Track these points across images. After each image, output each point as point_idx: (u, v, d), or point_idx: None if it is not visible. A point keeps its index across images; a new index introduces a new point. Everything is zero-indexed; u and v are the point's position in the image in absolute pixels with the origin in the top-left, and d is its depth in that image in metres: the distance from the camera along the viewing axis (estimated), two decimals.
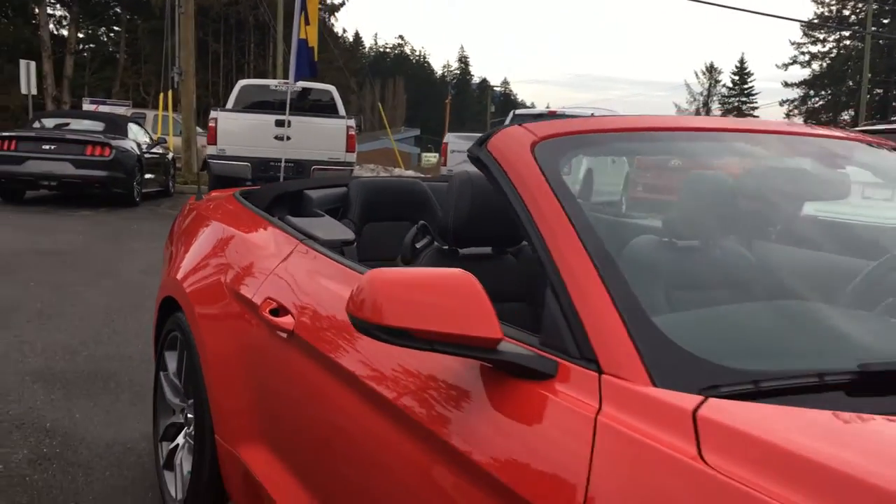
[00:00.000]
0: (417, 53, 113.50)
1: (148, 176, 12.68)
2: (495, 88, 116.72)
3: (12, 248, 7.67)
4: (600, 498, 0.99)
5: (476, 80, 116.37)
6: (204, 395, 2.30)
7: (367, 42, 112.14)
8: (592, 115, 13.31)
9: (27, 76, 18.32)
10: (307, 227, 2.21)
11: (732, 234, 1.73)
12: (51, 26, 36.38)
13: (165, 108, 19.01)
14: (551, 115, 13.97)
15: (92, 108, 24.46)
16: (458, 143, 11.94)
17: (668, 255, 1.60)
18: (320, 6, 47.98)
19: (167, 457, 2.64)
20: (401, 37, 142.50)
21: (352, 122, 11.83)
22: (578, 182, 3.99)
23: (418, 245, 2.17)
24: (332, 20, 49.39)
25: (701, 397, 1.03)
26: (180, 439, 2.60)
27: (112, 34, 40.90)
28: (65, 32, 37.50)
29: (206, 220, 2.79)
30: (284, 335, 1.87)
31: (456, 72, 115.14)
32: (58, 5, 37.82)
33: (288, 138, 11.31)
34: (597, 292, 1.21)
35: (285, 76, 18.82)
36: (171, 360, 2.66)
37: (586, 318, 1.19)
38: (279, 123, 11.43)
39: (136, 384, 3.85)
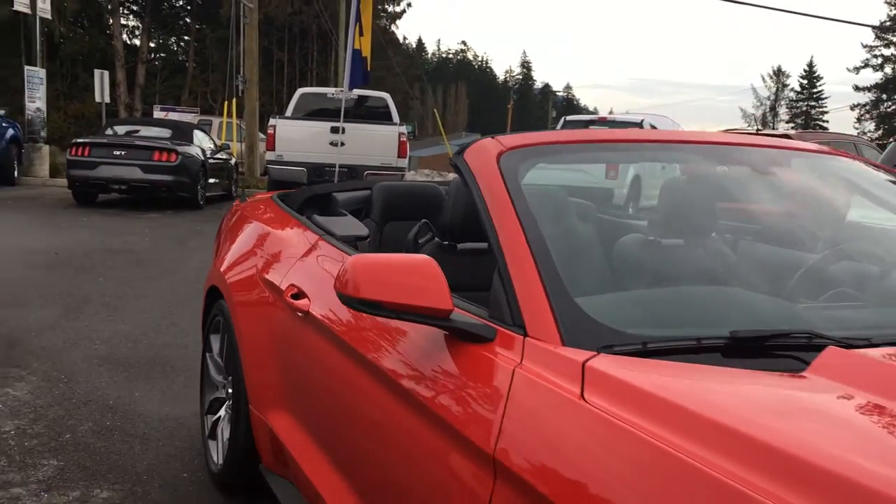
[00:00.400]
0: (480, 59, 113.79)
1: (212, 180, 13.28)
2: (557, 93, 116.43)
3: (86, 248, 8.24)
4: (510, 426, 1.28)
5: (538, 85, 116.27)
6: (240, 371, 2.65)
7: (430, 48, 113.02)
8: (642, 121, 13.44)
9: (101, 85, 19.28)
10: (328, 224, 2.54)
11: (670, 232, 1.99)
12: (124, 36, 37.92)
13: (230, 115, 19.74)
14: (601, 122, 14.15)
15: (162, 115, 25.46)
16: None
17: (608, 248, 1.87)
18: (382, 14, 48.61)
19: (211, 427, 3.00)
20: (463, 42, 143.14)
21: (403, 129, 12.22)
22: (626, 186, 4.25)
23: (420, 241, 2.47)
24: (393, 27, 50.11)
25: (594, 353, 1.31)
26: (222, 412, 2.95)
27: (182, 43, 42.39)
28: (137, 42, 39.05)
29: (246, 219, 3.16)
30: (301, 315, 2.20)
31: (518, 77, 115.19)
32: (131, 16, 39.42)
33: (342, 144, 11.75)
34: (530, 275, 1.50)
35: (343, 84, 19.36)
36: (215, 342, 3.03)
37: (520, 295, 1.48)
38: (334, 130, 11.89)
39: (189, 369, 4.24)
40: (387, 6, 47.60)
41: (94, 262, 7.48)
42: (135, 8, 39.92)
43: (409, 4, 49.85)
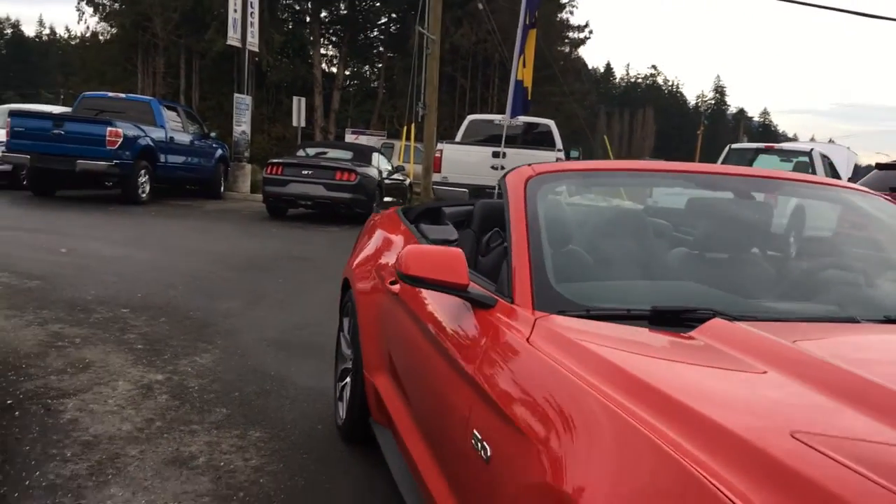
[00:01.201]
0: (670, 83, 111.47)
1: (387, 199, 14.48)
2: (753, 119, 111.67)
3: (272, 254, 9.49)
4: (487, 361, 1.90)
5: (732, 109, 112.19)
6: (359, 344, 3.40)
7: (619, 73, 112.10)
8: (811, 151, 13.18)
9: (298, 110, 21.29)
10: (427, 231, 3.24)
11: (636, 239, 2.50)
12: (323, 65, 41.11)
13: (408, 138, 21.14)
14: (768, 150, 14.00)
15: (352, 137, 27.55)
16: None
17: (590, 247, 2.41)
18: (565, 40, 48.82)
19: (339, 391, 3.78)
20: (653, 67, 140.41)
21: (561, 154, 12.80)
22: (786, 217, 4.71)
23: (492, 245, 3.10)
24: (576, 54, 50.65)
25: (547, 314, 1.90)
26: (348, 379, 3.72)
27: (374, 71, 45.25)
28: (335, 70, 42.18)
29: (376, 227, 3.94)
30: (395, 297, 2.90)
31: (710, 102, 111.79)
32: (330, 46, 42.65)
33: (503, 168, 12.50)
34: (523, 266, 2.11)
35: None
36: (345, 323, 3.82)
37: (515, 278, 2.10)
38: (496, 154, 12.69)
39: None
40: (569, 34, 48.25)
41: (278, 266, 8.65)
42: (334, 39, 43.18)
43: (590, 32, 50.22)
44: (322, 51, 41.38)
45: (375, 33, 43.56)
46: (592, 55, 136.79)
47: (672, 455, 1.22)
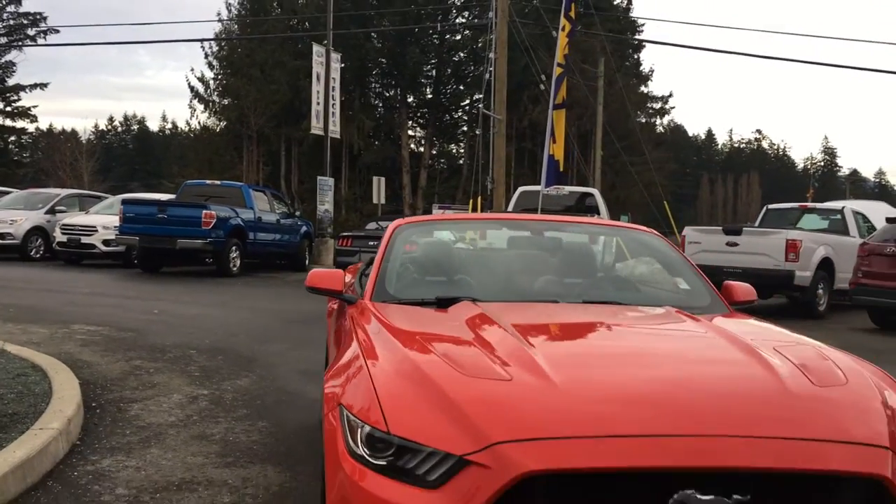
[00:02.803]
0: (776, 147, 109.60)
1: None
2: (869, 180, 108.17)
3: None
4: (340, 324, 3.23)
5: (844, 171, 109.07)
6: (327, 347, 4.75)
7: (721, 138, 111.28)
8: (843, 209, 13.85)
9: (378, 189, 23.23)
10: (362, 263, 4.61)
11: (447, 260, 3.78)
12: (412, 145, 43.64)
13: (474, 209, 22.67)
14: (802, 210, 14.73)
15: (440, 212, 29.34)
16: (695, 235, 13.37)
17: (418, 264, 3.70)
18: (651, 110, 49.64)
19: None
20: (758, 131, 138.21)
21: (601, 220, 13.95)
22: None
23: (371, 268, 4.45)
24: (658, 121, 51.65)
25: (374, 302, 3.22)
26: None
27: (460, 149, 47.54)
28: (422, 149, 44.68)
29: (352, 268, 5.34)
30: (336, 308, 4.25)
31: (819, 164, 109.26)
32: (417, 127, 45.28)
33: None
34: (373, 276, 3.44)
35: (603, 181, 21.52)
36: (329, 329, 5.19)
37: (368, 284, 3.42)
38: None
39: None
40: (651, 105, 49.34)
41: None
42: (421, 121, 45.83)
43: (670, 101, 51.04)
44: (410, 132, 44.01)
45: (459, 114, 45.94)
46: (693, 122, 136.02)
47: (393, 344, 2.54)
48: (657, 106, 50.84)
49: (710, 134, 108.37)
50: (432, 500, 1.98)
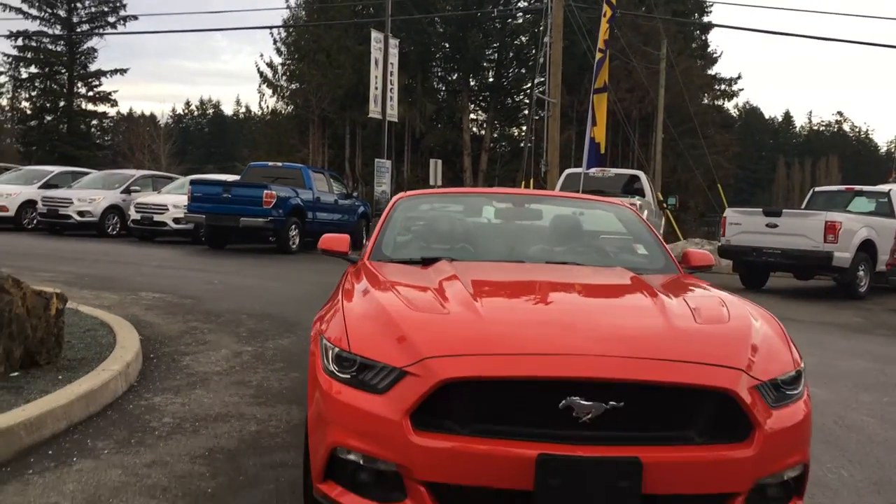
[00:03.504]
0: (857, 130, 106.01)
1: None
2: None
3: None
4: (347, 279, 3.86)
5: None
6: None
7: (800, 121, 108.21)
8: (890, 192, 13.85)
9: (434, 172, 23.86)
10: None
11: (436, 226, 4.35)
12: (473, 128, 44.15)
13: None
14: (848, 192, 14.75)
15: None
16: (736, 217, 13.57)
17: (412, 231, 4.29)
18: (717, 91, 48.85)
19: None
20: (839, 113, 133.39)
21: (635, 202, 14.21)
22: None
23: None
24: (725, 103, 50.95)
25: (371, 261, 3.84)
26: None
27: (522, 132, 47.77)
28: (483, 132, 45.15)
29: None
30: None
31: None
32: (479, 111, 45.73)
33: (582, 214, 14.14)
34: (371, 240, 4.06)
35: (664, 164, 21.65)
36: None
37: (366, 247, 4.04)
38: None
39: None
40: (718, 87, 48.64)
41: None
42: (483, 104, 46.28)
43: (739, 83, 50.09)
44: (472, 116, 44.51)
45: (521, 97, 46.18)
46: (769, 103, 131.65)
47: (369, 290, 3.16)
48: (725, 88, 50.00)
49: (787, 116, 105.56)
50: (379, 401, 2.59)
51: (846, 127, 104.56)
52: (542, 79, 27.38)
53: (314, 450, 2.81)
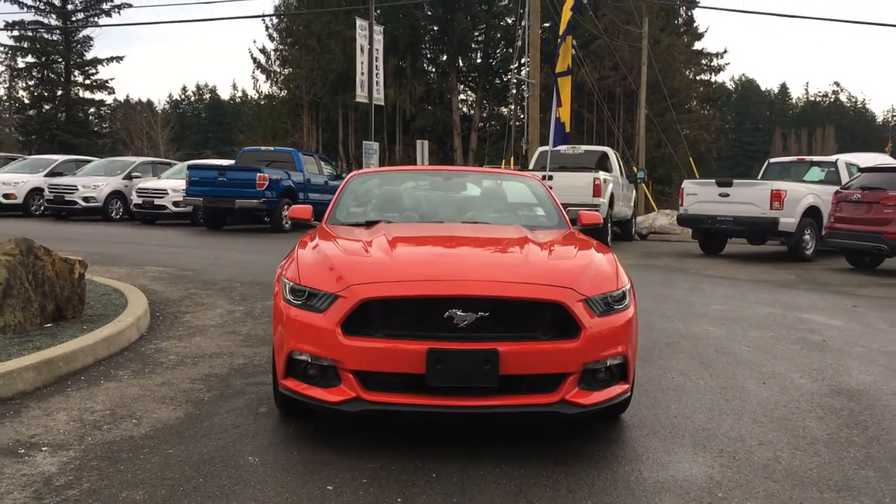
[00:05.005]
0: (854, 100, 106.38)
1: None
2: None
3: None
4: (307, 238, 4.99)
5: None
6: None
7: (796, 92, 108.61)
8: (836, 161, 14.90)
9: (421, 153, 24.89)
10: None
11: (380, 198, 5.48)
12: (463, 108, 45.10)
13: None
14: (800, 162, 15.84)
15: None
16: (692, 188, 14.68)
17: (361, 202, 5.41)
18: (704, 66, 49.69)
19: None
20: (836, 83, 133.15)
21: (598, 175, 15.26)
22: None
23: None
24: (714, 78, 51.81)
25: (327, 225, 4.97)
26: None
27: (510, 111, 48.75)
28: (472, 112, 46.12)
29: None
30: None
31: None
32: (468, 91, 46.66)
33: (551, 188, 15.23)
34: (329, 210, 5.18)
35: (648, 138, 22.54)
36: None
37: (325, 216, 5.17)
38: (544, 178, 15.41)
39: None
40: (704, 61, 49.49)
41: None
42: (472, 85, 47.20)
43: (725, 57, 50.83)
44: (461, 96, 45.49)
45: (508, 77, 47.06)
46: (766, 76, 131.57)
47: (318, 242, 4.29)
48: (711, 63, 50.88)
49: (783, 88, 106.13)
50: (321, 318, 3.71)
51: (843, 97, 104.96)
52: (526, 60, 28.49)
53: (278, 357, 3.94)
